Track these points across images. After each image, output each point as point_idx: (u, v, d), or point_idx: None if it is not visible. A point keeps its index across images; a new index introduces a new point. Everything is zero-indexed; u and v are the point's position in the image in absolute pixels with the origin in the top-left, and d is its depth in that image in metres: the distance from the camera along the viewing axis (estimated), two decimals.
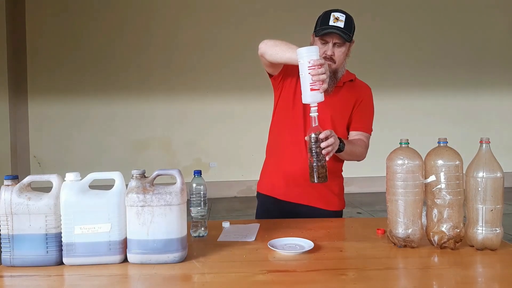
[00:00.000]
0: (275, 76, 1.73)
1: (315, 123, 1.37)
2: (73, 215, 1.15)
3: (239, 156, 5.76)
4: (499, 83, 6.17)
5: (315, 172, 1.37)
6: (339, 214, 1.79)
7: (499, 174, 1.23)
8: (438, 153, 1.26)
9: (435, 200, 1.25)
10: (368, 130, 1.76)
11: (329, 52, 1.59)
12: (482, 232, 1.23)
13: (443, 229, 1.24)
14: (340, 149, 1.50)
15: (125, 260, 1.18)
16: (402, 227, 1.26)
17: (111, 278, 1.09)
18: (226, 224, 1.53)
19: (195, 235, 1.42)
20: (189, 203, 1.37)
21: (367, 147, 1.74)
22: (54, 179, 1.19)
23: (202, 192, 1.42)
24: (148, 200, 1.14)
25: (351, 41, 1.61)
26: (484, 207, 1.23)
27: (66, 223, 1.15)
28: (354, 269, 1.13)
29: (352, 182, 5.03)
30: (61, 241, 1.16)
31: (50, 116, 5.62)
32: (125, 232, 1.18)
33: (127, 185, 1.19)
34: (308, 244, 1.28)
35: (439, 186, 1.24)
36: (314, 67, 1.33)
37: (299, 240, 1.32)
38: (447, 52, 6.05)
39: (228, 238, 1.39)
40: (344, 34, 1.55)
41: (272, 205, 1.77)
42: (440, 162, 1.24)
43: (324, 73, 1.34)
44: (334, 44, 1.59)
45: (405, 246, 1.27)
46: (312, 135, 1.37)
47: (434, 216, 1.26)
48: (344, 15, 1.57)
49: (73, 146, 5.65)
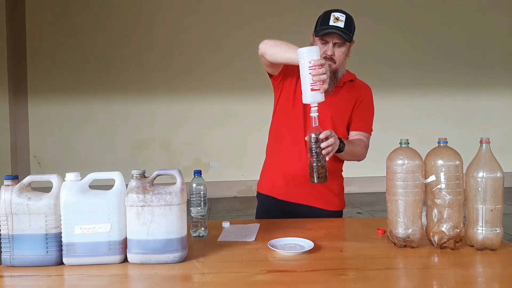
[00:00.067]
0: (275, 76, 1.73)
1: (315, 123, 1.37)
2: (73, 215, 1.15)
3: (239, 156, 5.76)
4: (499, 83, 6.17)
5: (315, 172, 1.37)
6: (339, 214, 1.79)
7: (499, 174, 1.23)
8: (438, 153, 1.26)
9: (435, 200, 1.25)
10: (368, 130, 1.76)
11: (329, 52, 1.59)
12: (482, 232, 1.23)
13: (443, 229, 1.24)
14: (340, 149, 1.50)
15: (125, 260, 1.18)
16: (402, 227, 1.26)
17: (111, 278, 1.09)
18: (226, 224, 1.53)
19: (195, 235, 1.42)
20: (189, 203, 1.37)
21: (367, 147, 1.74)
22: (54, 179, 1.19)
23: (202, 192, 1.42)
24: (148, 200, 1.14)
25: (351, 41, 1.61)
26: (484, 207, 1.23)
27: (66, 223, 1.15)
28: (354, 269, 1.13)
29: (352, 182, 5.04)
30: (61, 241, 1.16)
31: (50, 116, 5.62)
32: (125, 232, 1.18)
33: (127, 185, 1.19)
34: (308, 244, 1.28)
35: (439, 186, 1.24)
36: (314, 67, 1.33)
37: (299, 240, 1.32)
38: (447, 52, 6.05)
39: (228, 238, 1.39)
40: (344, 34, 1.55)
41: (272, 205, 1.77)
42: (440, 162, 1.24)
43: (324, 73, 1.34)
44: (334, 44, 1.59)
45: (405, 246, 1.27)
46: (312, 135, 1.37)
47: (434, 216, 1.26)
48: (344, 15, 1.57)
49: (73, 146, 5.65)
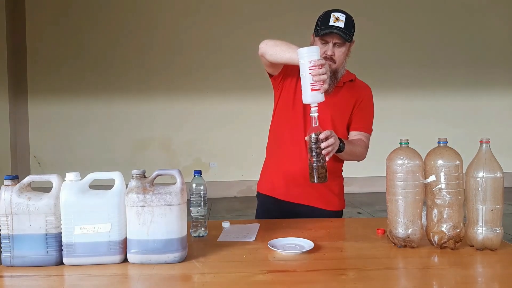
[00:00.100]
0: (275, 76, 1.73)
1: (315, 123, 1.37)
2: (73, 215, 1.15)
3: (239, 156, 5.76)
4: (499, 83, 6.17)
5: (315, 172, 1.37)
6: (339, 214, 1.79)
7: (499, 174, 1.23)
8: (438, 153, 1.26)
9: (435, 200, 1.25)
10: (368, 130, 1.76)
11: (329, 52, 1.59)
12: (482, 232, 1.23)
13: (443, 229, 1.24)
14: (340, 149, 1.50)
15: (125, 260, 1.18)
16: (402, 227, 1.26)
17: (111, 278, 1.09)
18: (226, 224, 1.53)
19: (195, 235, 1.42)
20: (189, 203, 1.37)
21: (367, 147, 1.74)
22: (54, 179, 1.19)
23: (202, 192, 1.42)
24: (148, 200, 1.14)
25: (351, 41, 1.61)
26: (484, 207, 1.23)
27: (66, 223, 1.15)
28: (354, 269, 1.13)
29: (352, 182, 5.03)
30: (61, 241, 1.16)
31: (50, 116, 5.62)
32: (125, 232, 1.18)
33: (127, 185, 1.19)
34: (308, 244, 1.28)
35: (439, 186, 1.24)
36: (315, 67, 1.33)
37: (299, 240, 1.32)
38: (447, 52, 6.05)
39: (228, 238, 1.39)
40: (344, 34, 1.55)
41: (272, 205, 1.77)
42: (440, 162, 1.24)
43: (325, 73, 1.34)
44: (334, 44, 1.59)
45: (405, 246, 1.27)
46: (312, 135, 1.37)
47: (434, 216, 1.26)
48: (344, 15, 1.57)
49: (73, 146, 5.64)
